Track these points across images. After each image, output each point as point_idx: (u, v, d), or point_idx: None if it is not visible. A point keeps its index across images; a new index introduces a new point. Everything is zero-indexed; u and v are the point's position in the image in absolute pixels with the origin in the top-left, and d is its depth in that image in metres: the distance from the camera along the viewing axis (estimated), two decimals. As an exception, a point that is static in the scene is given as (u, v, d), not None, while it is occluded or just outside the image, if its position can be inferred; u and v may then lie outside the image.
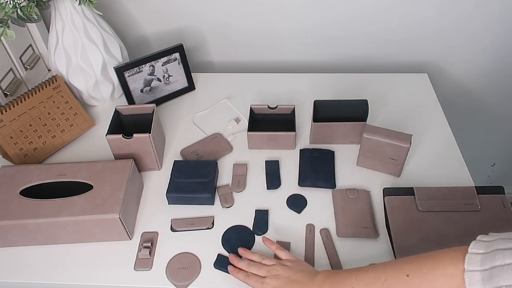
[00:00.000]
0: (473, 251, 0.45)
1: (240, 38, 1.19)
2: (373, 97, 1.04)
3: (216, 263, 0.74)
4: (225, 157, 0.94)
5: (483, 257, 0.43)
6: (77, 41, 0.96)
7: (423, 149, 0.94)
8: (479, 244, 0.45)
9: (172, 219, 0.82)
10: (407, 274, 0.49)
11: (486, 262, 0.43)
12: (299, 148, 0.94)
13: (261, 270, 0.67)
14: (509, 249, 0.42)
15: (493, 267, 0.41)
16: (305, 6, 1.11)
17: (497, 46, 1.17)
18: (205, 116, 1.05)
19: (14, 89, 1.03)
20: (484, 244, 0.45)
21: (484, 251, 0.44)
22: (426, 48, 1.19)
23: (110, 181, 0.78)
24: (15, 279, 0.75)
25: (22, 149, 0.91)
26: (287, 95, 1.10)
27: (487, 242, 0.45)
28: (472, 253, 0.45)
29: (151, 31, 1.20)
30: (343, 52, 1.21)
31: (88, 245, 0.78)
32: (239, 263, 0.71)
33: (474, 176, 0.87)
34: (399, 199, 0.78)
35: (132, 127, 0.93)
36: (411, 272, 0.49)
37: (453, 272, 0.45)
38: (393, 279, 0.51)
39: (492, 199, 0.76)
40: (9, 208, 0.74)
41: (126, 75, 1.01)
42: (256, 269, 0.68)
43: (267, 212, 0.82)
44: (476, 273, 0.43)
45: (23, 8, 0.83)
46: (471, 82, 1.26)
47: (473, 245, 0.46)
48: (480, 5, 1.08)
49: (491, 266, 0.42)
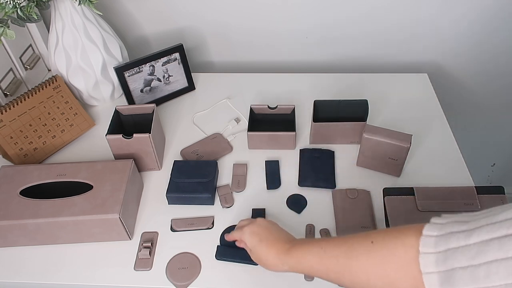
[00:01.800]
0: (427, 233, 0.46)
1: (240, 38, 1.19)
2: (373, 97, 1.04)
3: (218, 254, 0.75)
4: (225, 157, 0.94)
5: (436, 239, 0.44)
6: (77, 41, 0.96)
7: (423, 149, 0.94)
8: (433, 226, 0.46)
9: (172, 219, 0.82)
10: (371, 241, 0.52)
11: (440, 244, 0.43)
12: (299, 148, 0.94)
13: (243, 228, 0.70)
14: (462, 231, 0.42)
15: (447, 249, 0.42)
16: (305, 6, 1.11)
17: (497, 46, 1.17)
18: (205, 116, 1.05)
19: (14, 89, 1.03)
20: (438, 226, 0.45)
21: (438, 233, 0.44)
22: (426, 48, 1.19)
23: (110, 181, 0.78)
24: (15, 279, 0.75)
25: (22, 149, 0.91)
26: (287, 95, 1.10)
27: (441, 225, 0.45)
28: (427, 236, 0.45)
29: (151, 31, 1.20)
30: (343, 52, 1.21)
31: (88, 245, 0.78)
32: None
33: (474, 176, 0.87)
34: (399, 199, 0.78)
35: (132, 127, 0.93)
36: (376, 239, 0.52)
37: (413, 243, 0.46)
38: (358, 244, 0.54)
39: (492, 199, 0.76)
40: (9, 208, 0.74)
41: (126, 75, 1.01)
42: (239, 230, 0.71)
43: (264, 211, 0.83)
44: (430, 256, 0.44)
45: (23, 8, 0.83)
46: (471, 82, 1.26)
47: (428, 228, 0.46)
48: (480, 5, 1.08)
49: (445, 248, 0.42)
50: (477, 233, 0.40)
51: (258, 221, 0.69)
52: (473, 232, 0.41)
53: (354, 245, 0.54)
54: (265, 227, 0.67)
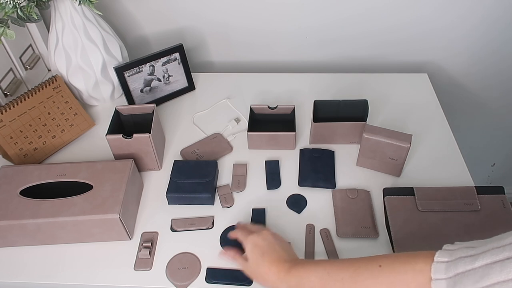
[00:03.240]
0: (438, 259, 0.47)
1: (240, 38, 1.19)
2: (373, 97, 1.04)
3: (208, 277, 0.73)
4: (225, 157, 0.94)
5: (447, 265, 0.45)
6: (77, 41, 0.96)
7: (423, 149, 0.94)
8: (444, 253, 0.47)
9: (172, 219, 0.82)
10: (379, 265, 0.51)
11: (450, 269, 0.44)
12: (299, 148, 0.94)
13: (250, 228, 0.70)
14: (470, 256, 0.43)
15: (456, 274, 0.43)
16: (305, 6, 1.11)
17: (497, 46, 1.17)
18: (205, 116, 1.05)
19: (14, 89, 1.03)
20: (449, 252, 0.46)
21: (448, 259, 0.46)
22: (426, 48, 1.19)
23: (110, 181, 0.78)
24: (15, 279, 0.75)
25: (22, 149, 0.91)
26: (287, 95, 1.10)
27: (451, 251, 0.46)
28: (438, 262, 0.46)
29: (151, 31, 1.20)
30: (343, 52, 1.21)
31: (88, 245, 0.78)
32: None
33: (474, 176, 0.87)
34: (399, 199, 0.77)
35: (132, 127, 0.93)
36: (384, 263, 0.51)
37: (422, 268, 0.47)
38: (365, 267, 0.52)
39: (492, 199, 0.76)
40: (9, 208, 0.74)
41: (126, 75, 1.01)
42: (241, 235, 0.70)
43: (264, 210, 0.83)
44: (442, 281, 0.45)
45: (23, 8, 0.83)
46: (471, 82, 1.26)
47: (439, 254, 0.47)
48: (480, 5, 1.08)
49: (454, 274, 0.43)
50: (482, 257, 0.41)
51: (264, 234, 0.67)
52: (479, 256, 0.42)
53: (361, 268, 0.53)
54: (270, 242, 0.65)
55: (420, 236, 0.72)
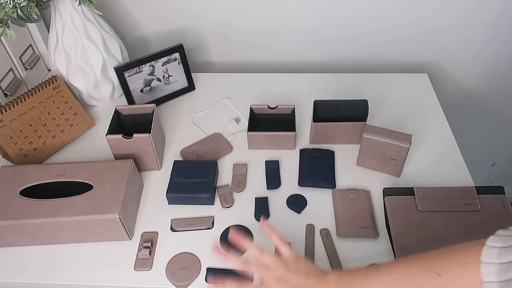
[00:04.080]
0: (491, 244, 0.46)
1: (240, 38, 1.19)
2: (373, 97, 1.04)
3: (207, 277, 0.72)
4: (225, 157, 0.94)
5: (500, 251, 0.44)
6: (77, 41, 0.96)
7: (423, 149, 0.94)
8: (498, 238, 0.46)
9: (172, 219, 0.82)
10: (437, 273, 0.48)
11: (504, 256, 0.43)
12: (299, 148, 0.94)
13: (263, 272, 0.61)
14: None
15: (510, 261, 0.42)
16: (305, 6, 1.11)
17: (497, 46, 1.17)
18: (205, 116, 1.05)
19: (14, 89, 1.03)
20: (503, 238, 0.45)
21: (502, 245, 0.44)
22: (426, 48, 1.19)
23: (110, 181, 0.78)
24: (15, 279, 0.75)
25: (22, 149, 0.91)
26: (287, 95, 1.10)
27: (505, 237, 0.45)
28: (490, 246, 0.45)
29: (151, 31, 1.20)
30: (343, 52, 1.21)
31: (88, 245, 0.78)
32: (233, 263, 0.64)
33: (474, 176, 0.87)
34: (399, 199, 0.77)
35: (132, 127, 0.93)
36: (441, 270, 0.48)
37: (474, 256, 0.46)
38: (423, 279, 0.48)
39: (492, 199, 0.76)
40: (9, 208, 0.74)
41: (126, 75, 1.01)
42: (256, 269, 0.62)
43: (267, 199, 0.84)
44: (493, 266, 0.43)
45: (23, 8, 0.83)
46: (471, 82, 1.27)
47: (492, 239, 0.46)
48: (480, 5, 1.08)
49: (508, 260, 0.42)
50: None
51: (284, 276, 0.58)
52: None
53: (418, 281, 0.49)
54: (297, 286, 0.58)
55: (420, 236, 0.72)
